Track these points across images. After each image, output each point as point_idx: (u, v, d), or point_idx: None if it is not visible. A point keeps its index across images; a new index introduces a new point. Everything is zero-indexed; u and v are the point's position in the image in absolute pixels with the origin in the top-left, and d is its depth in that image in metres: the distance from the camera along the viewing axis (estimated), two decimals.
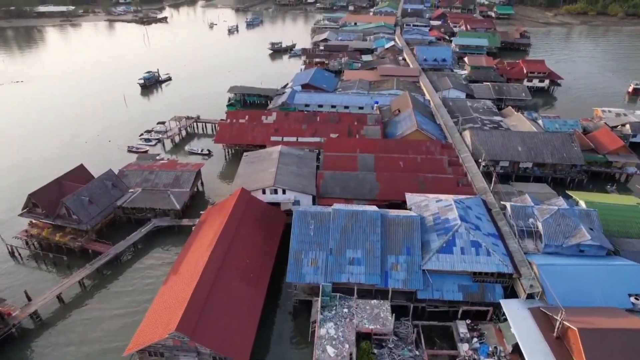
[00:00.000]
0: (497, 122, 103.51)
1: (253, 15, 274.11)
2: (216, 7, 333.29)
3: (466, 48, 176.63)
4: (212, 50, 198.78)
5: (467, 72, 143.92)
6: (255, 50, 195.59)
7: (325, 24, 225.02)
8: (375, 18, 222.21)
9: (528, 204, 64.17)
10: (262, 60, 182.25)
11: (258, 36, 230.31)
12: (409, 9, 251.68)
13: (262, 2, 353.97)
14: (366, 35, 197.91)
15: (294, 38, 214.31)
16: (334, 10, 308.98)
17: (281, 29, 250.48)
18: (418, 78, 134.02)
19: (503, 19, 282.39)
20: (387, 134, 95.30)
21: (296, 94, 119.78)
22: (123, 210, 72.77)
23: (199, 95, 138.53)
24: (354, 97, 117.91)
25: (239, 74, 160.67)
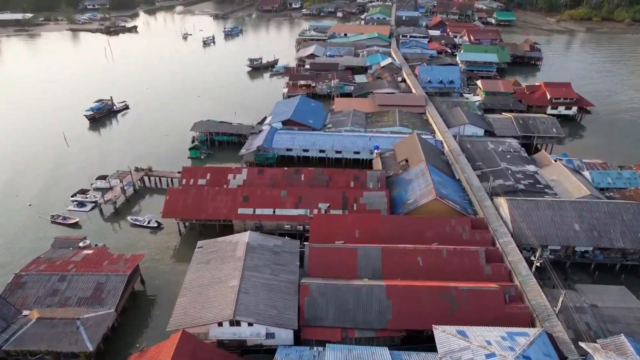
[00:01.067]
0: (531, 175, 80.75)
1: (232, 24, 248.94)
2: (193, 14, 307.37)
3: (473, 65, 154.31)
4: (182, 66, 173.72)
5: (480, 98, 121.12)
6: (232, 67, 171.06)
7: (311, 35, 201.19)
8: (367, 28, 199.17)
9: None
10: (239, 79, 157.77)
11: (236, 48, 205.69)
12: (404, 17, 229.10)
13: (243, 8, 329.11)
14: (358, 49, 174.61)
15: (277, 50, 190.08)
16: (321, 17, 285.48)
17: (263, 40, 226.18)
18: (424, 109, 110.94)
19: (504, 25, 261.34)
20: (394, 199, 71.85)
21: (276, 134, 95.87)
22: (7, 354, 48.07)
23: (160, 129, 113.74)
24: (347, 137, 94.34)
25: (210, 98, 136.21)
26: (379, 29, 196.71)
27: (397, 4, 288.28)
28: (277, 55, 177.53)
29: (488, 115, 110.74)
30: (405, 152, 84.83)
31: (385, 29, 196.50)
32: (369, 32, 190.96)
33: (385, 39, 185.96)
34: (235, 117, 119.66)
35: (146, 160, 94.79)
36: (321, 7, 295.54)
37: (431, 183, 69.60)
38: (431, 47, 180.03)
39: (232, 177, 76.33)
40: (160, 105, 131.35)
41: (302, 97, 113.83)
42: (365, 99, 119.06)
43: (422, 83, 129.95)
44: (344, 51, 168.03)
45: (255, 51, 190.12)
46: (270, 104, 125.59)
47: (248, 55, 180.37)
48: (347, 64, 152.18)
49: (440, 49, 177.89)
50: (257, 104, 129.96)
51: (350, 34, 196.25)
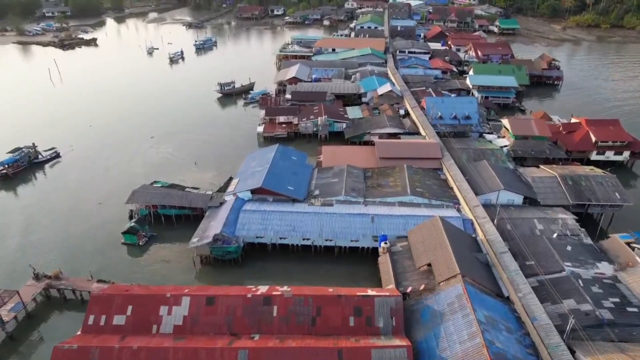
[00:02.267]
0: (612, 286, 55.20)
1: (205, 36, 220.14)
2: (165, 23, 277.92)
3: (487, 90, 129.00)
4: (141, 92, 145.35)
5: (507, 141, 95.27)
6: (200, 92, 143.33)
7: (294, 50, 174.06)
8: (359, 42, 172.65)
9: None
10: (206, 110, 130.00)
11: (208, 66, 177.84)
12: (399, 27, 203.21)
13: (221, 15, 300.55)
14: (349, 69, 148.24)
15: (255, 68, 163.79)
16: (306, 26, 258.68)
17: (239, 54, 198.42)
18: (440, 161, 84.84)
19: (507, 34, 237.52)
20: (419, 350, 45.44)
21: (241, 213, 68.91)
22: None
23: (93, 193, 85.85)
24: (341, 218, 67.82)
25: (167, 140, 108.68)
26: (373, 42, 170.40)
27: (389, 11, 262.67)
28: (253, 77, 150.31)
29: (522, 169, 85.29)
30: (425, 248, 58.60)
31: (379, 43, 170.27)
32: (361, 48, 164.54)
33: (380, 56, 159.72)
34: (193, 172, 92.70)
35: (61, 252, 67.33)
36: (305, 15, 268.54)
37: (477, 327, 43.57)
38: (434, 65, 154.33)
39: (167, 311, 49.21)
40: (103, 151, 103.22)
41: (280, 148, 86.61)
42: (362, 147, 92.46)
43: (431, 118, 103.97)
44: (332, 73, 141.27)
45: (229, 68, 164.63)
46: (241, 149, 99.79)
47: (220, 74, 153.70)
48: (337, 91, 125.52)
49: (444, 67, 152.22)
50: (224, 149, 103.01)
51: (339, 49, 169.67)
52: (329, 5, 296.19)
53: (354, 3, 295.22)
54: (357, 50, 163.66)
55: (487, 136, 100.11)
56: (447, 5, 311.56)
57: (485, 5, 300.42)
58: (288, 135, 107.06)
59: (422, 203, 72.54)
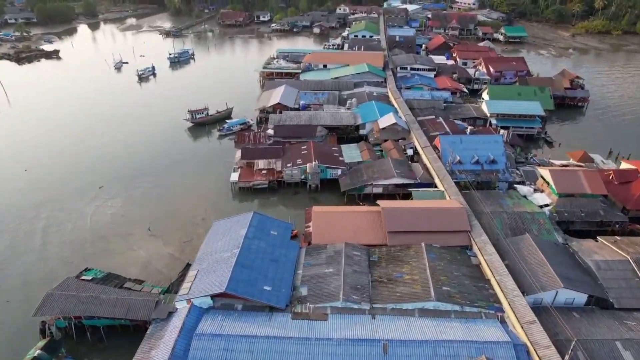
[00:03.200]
0: None
1: (181, 48, 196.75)
2: (140, 31, 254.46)
3: (507, 118, 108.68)
4: (98, 119, 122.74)
5: (549, 200, 74.52)
6: (168, 119, 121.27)
7: (279, 67, 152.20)
8: (354, 56, 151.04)
9: None
10: (172, 146, 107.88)
11: (181, 84, 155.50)
12: (397, 37, 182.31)
13: (203, 21, 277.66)
14: (343, 90, 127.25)
15: (235, 88, 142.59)
16: (295, 34, 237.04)
17: (218, 69, 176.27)
18: (468, 236, 64.01)
19: (514, 43, 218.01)
20: None
21: (194, 340, 47.34)
22: None
23: (5, 280, 63.92)
24: (339, 347, 46.60)
25: (118, 189, 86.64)
26: (369, 57, 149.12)
27: (384, 17, 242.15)
28: (234, 97, 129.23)
29: (575, 243, 64.81)
30: None
31: (377, 58, 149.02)
32: (357, 64, 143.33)
33: (378, 73, 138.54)
34: (146, 241, 71.17)
35: None
36: (294, 22, 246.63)
37: None
38: (441, 84, 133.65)
39: None
40: (28, 211, 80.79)
41: (256, 218, 64.94)
42: (363, 210, 70.95)
43: (449, 164, 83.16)
44: (324, 97, 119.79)
45: (206, 87, 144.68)
46: (210, 205, 78.62)
47: (194, 96, 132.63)
48: (329, 123, 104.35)
49: (453, 87, 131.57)
50: (188, 206, 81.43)
51: (331, 65, 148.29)
52: (319, 10, 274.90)
53: (346, 8, 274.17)
54: (352, 66, 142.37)
55: (520, 188, 79.36)
56: (444, 8, 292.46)
57: (487, 10, 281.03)
58: (270, 184, 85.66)
59: (452, 310, 51.72)
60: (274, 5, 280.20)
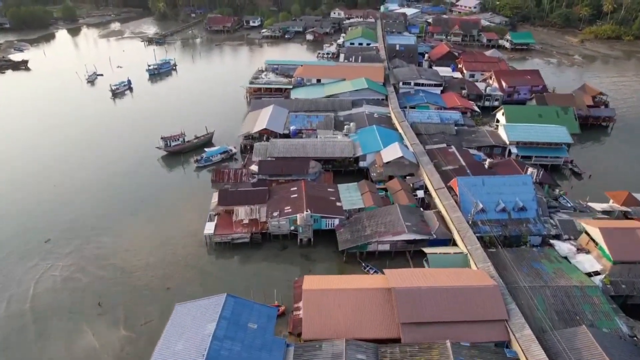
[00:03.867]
0: None
1: (162, 58, 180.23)
2: (122, 37, 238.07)
3: (528, 147, 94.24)
4: (61, 146, 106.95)
5: (600, 266, 59.59)
6: (141, 146, 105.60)
7: (268, 82, 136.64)
8: (351, 69, 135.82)
9: None
10: (141, 180, 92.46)
11: (160, 100, 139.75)
12: (397, 46, 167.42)
13: (190, 27, 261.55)
14: (340, 111, 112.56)
15: (220, 105, 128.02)
16: (287, 41, 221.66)
17: (201, 81, 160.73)
18: (506, 328, 49.25)
19: (520, 50, 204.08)
20: None
21: None
22: None
23: None
24: None
25: (68, 245, 71.00)
26: (368, 70, 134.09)
27: (382, 22, 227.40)
28: (217, 117, 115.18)
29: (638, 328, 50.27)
30: None
31: (376, 72, 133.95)
32: (354, 78, 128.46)
33: (379, 90, 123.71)
34: (94, 322, 55.85)
35: None
36: (286, 27, 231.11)
37: None
38: (449, 102, 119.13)
39: None
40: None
41: (230, 303, 49.64)
42: (371, 291, 55.38)
43: (468, 214, 68.35)
44: (317, 121, 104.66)
45: (186, 105, 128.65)
46: (178, 268, 64.15)
47: (171, 118, 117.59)
48: (324, 154, 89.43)
49: (463, 106, 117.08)
50: (151, 270, 66.10)
51: (326, 80, 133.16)
52: (313, 14, 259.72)
53: (340, 12, 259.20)
54: (349, 82, 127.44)
55: (558, 246, 64.63)
56: (444, 12, 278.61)
57: (489, 13, 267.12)
58: (252, 238, 70.52)
59: None
60: (264, 9, 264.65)
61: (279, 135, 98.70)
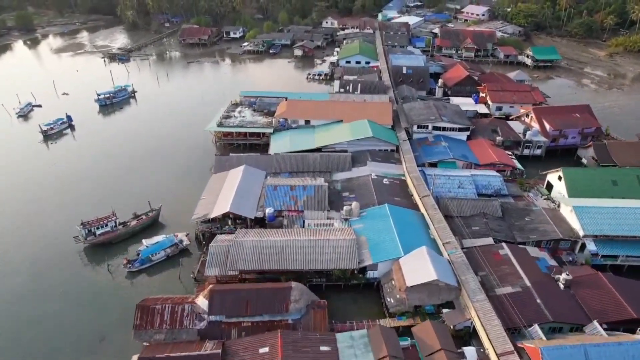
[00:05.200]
0: None
1: (116, 85, 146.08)
2: (79, 52, 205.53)
3: (612, 240, 64.59)
4: None
5: None
6: (61, 231, 74.75)
7: (241, 124, 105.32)
8: (349, 107, 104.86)
9: None
10: (44, 297, 61.64)
11: (107, 145, 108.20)
12: (404, 68, 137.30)
13: (163, 38, 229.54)
14: (337, 171, 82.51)
15: (180, 156, 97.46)
16: (272, 56, 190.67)
17: (167, 113, 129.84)
18: None
19: (543, 67, 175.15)
20: None
21: None
22: None
23: None
24: None
25: None
26: (371, 108, 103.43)
27: (382, 34, 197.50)
28: (166, 190, 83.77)
29: None
30: None
31: (382, 110, 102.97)
32: (354, 118, 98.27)
33: (387, 139, 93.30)
34: None
35: None
36: (270, 41, 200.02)
37: None
38: (481, 155, 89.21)
39: None
40: None
41: None
42: None
43: None
44: (305, 195, 74.02)
45: (138, 152, 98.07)
46: None
47: (115, 169, 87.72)
48: (316, 267, 59.10)
49: (502, 162, 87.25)
50: None
51: (317, 121, 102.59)
52: (302, 24, 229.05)
53: (333, 22, 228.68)
54: (347, 126, 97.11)
55: None
56: (449, 19, 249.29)
57: (499, 22, 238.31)
58: None
59: None
60: (248, 18, 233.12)
61: (249, 224, 68.31)
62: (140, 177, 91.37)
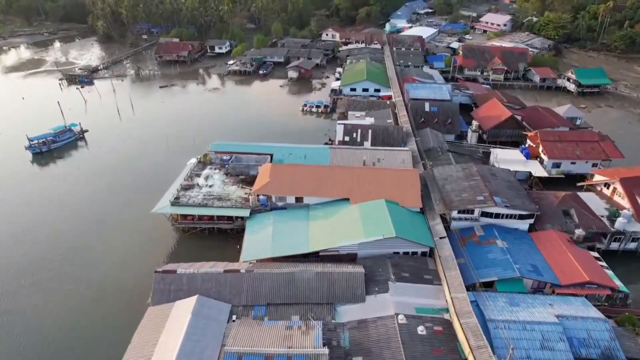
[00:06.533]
0: None
1: (57, 125, 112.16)
2: (36, 71, 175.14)
3: None
4: None
5: None
6: None
7: (205, 198, 74.88)
8: (359, 175, 74.25)
9: None
10: None
11: (25, 224, 78.23)
12: (427, 105, 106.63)
13: (138, 53, 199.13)
14: (341, 307, 52.65)
15: (129, 234, 66.82)
16: (262, 78, 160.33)
17: (114, 178, 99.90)
18: None
19: (589, 94, 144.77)
20: None
21: None
22: None
23: None
24: None
25: None
26: (390, 177, 73.10)
27: (393, 51, 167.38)
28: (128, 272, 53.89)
29: None
30: None
31: (406, 182, 71.34)
32: (365, 197, 68.11)
33: (417, 239, 62.74)
34: None
35: None
36: (261, 58, 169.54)
37: None
38: (561, 268, 59.06)
39: None
40: None
41: None
42: None
43: None
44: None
45: (68, 242, 65.98)
46: None
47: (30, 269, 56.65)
48: None
49: (598, 284, 56.98)
50: None
51: (312, 198, 71.91)
52: (299, 37, 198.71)
53: (335, 34, 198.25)
54: (356, 212, 66.65)
55: None
56: (467, 30, 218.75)
57: (524, 33, 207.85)
58: None
59: None
60: (236, 29, 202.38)
61: None
62: (42, 293, 61.28)
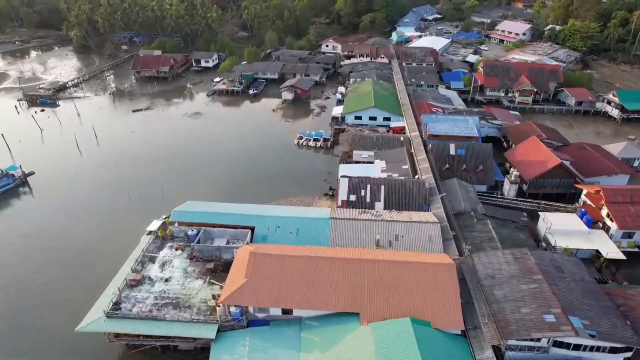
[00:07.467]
0: None
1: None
2: (1, 89, 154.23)
3: None
4: None
5: None
6: None
7: (156, 302, 54.15)
8: (369, 268, 53.73)
9: None
10: None
11: None
12: (452, 147, 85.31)
13: (117, 65, 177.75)
14: None
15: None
16: (253, 99, 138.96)
17: (69, 218, 78.66)
18: None
19: (633, 120, 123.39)
20: None
21: None
22: None
23: None
24: None
25: None
26: (416, 283, 52.38)
27: (403, 68, 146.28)
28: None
29: None
30: None
31: (438, 283, 51.41)
32: (382, 310, 47.07)
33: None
34: None
35: None
36: (251, 75, 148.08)
37: None
38: None
39: None
40: None
41: None
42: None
43: None
44: None
45: None
46: None
47: None
48: None
49: None
50: None
51: (307, 311, 50.72)
52: (296, 47, 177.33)
53: (336, 45, 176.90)
54: (369, 338, 45.45)
55: None
56: (482, 40, 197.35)
57: (547, 44, 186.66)
58: None
59: None
60: (225, 40, 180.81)
61: None
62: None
